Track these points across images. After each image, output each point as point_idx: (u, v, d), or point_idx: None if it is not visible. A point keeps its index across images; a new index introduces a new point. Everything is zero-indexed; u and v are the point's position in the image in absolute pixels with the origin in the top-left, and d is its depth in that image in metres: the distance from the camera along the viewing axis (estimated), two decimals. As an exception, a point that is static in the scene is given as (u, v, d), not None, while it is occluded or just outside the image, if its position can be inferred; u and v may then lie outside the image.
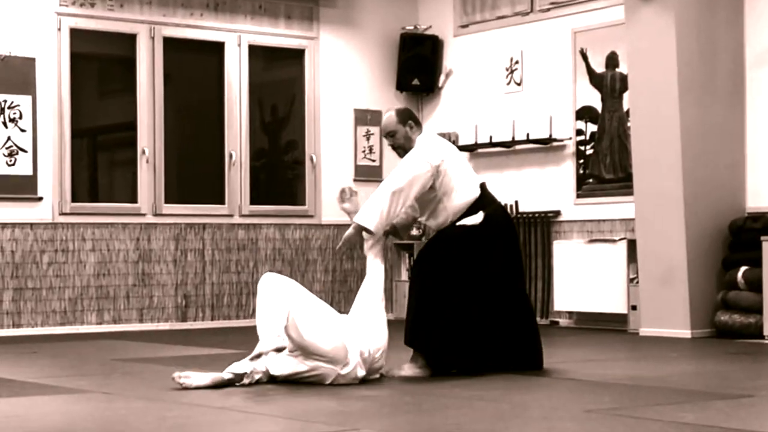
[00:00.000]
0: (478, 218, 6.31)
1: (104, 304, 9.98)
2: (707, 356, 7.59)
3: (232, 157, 10.63)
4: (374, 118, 11.38)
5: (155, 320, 10.22)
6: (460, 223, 6.31)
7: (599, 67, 10.05)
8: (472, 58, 11.16)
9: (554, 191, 10.38)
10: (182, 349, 8.19)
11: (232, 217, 10.66)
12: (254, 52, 10.86)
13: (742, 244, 8.83)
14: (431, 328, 6.23)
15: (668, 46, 8.84)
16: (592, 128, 10.11)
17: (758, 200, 9.06)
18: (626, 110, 9.70)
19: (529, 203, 10.52)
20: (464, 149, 10.73)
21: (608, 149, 9.96)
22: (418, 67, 11.37)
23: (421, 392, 5.63)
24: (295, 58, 11.15)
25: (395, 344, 6.28)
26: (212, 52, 10.71)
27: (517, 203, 10.53)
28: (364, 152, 11.39)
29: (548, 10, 10.48)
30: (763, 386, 5.94)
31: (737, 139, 9.15)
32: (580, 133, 10.21)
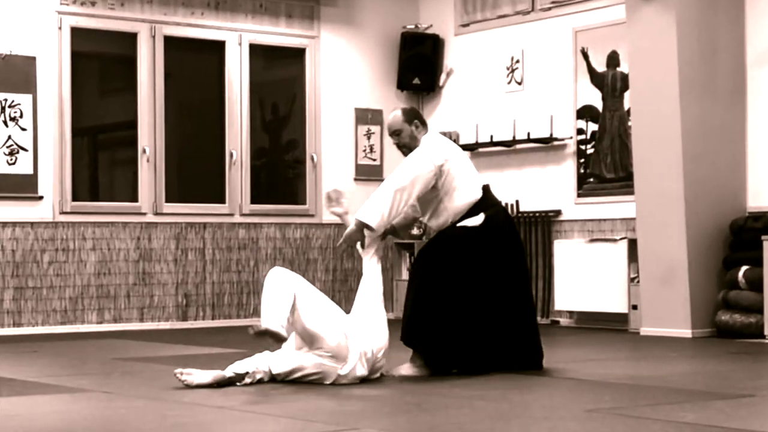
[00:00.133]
0: (478, 219, 6.31)
1: (105, 303, 9.98)
2: (708, 356, 7.59)
3: (232, 156, 10.63)
4: (375, 117, 11.38)
5: (156, 319, 10.22)
6: (460, 224, 6.32)
7: (600, 66, 10.04)
8: (472, 57, 11.16)
9: (555, 190, 10.38)
10: (183, 348, 8.19)
11: (232, 216, 10.66)
12: (255, 51, 10.86)
13: (742, 243, 8.83)
14: (426, 326, 6.24)
15: (669, 45, 8.84)
16: (592, 127, 10.11)
17: (759, 199, 9.05)
18: (627, 109, 9.70)
19: (529, 202, 10.52)
20: (465, 148, 10.71)
21: (609, 148, 9.96)
22: (418, 66, 11.37)
23: (421, 392, 5.62)
24: (295, 57, 11.15)
25: (395, 344, 6.28)
26: (213, 51, 10.71)
27: (517, 202, 10.52)
28: (364, 151, 11.39)
29: (549, 9, 10.48)
30: (763, 386, 5.94)
31: (738, 138, 9.15)
32: (580, 132, 10.21)
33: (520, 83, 10.73)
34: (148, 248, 10.19)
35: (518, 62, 10.73)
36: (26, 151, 9.63)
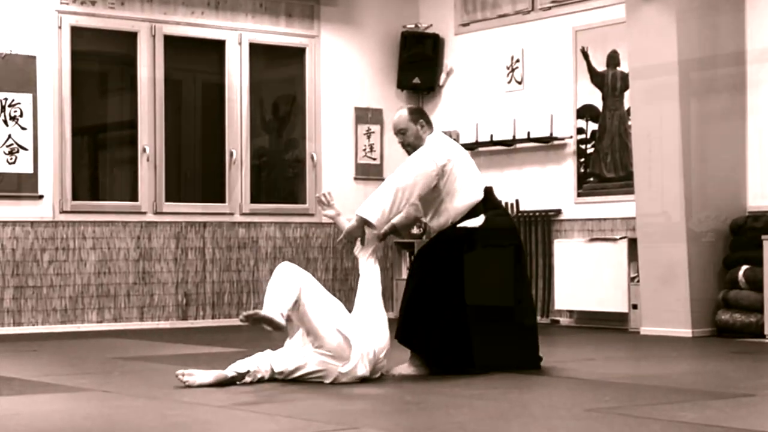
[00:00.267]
0: (479, 221, 6.32)
1: (105, 302, 9.98)
2: (708, 355, 7.59)
3: (232, 155, 10.63)
4: (375, 116, 11.38)
5: (156, 318, 10.22)
6: (460, 224, 6.33)
7: (600, 65, 10.04)
8: (472, 56, 11.15)
9: (555, 190, 10.37)
10: (183, 347, 8.19)
11: (232, 215, 10.66)
12: (255, 50, 10.86)
13: (743, 243, 8.83)
14: (422, 326, 6.25)
15: (669, 44, 8.84)
16: (593, 127, 10.10)
17: (759, 199, 9.05)
18: (627, 109, 9.70)
19: (529, 202, 10.51)
20: (465, 148, 10.65)
21: (609, 148, 9.95)
22: (419, 65, 11.36)
23: (421, 391, 5.62)
24: (295, 56, 11.15)
25: (395, 344, 6.27)
26: (213, 50, 10.71)
27: (517, 202, 10.52)
28: (364, 150, 11.38)
29: (549, 8, 10.48)
30: (763, 385, 5.94)
31: (738, 137, 9.15)
32: (580, 131, 10.20)
33: (520, 83, 10.73)
34: (148, 247, 10.19)
35: (518, 62, 10.72)
36: (26, 150, 9.63)
